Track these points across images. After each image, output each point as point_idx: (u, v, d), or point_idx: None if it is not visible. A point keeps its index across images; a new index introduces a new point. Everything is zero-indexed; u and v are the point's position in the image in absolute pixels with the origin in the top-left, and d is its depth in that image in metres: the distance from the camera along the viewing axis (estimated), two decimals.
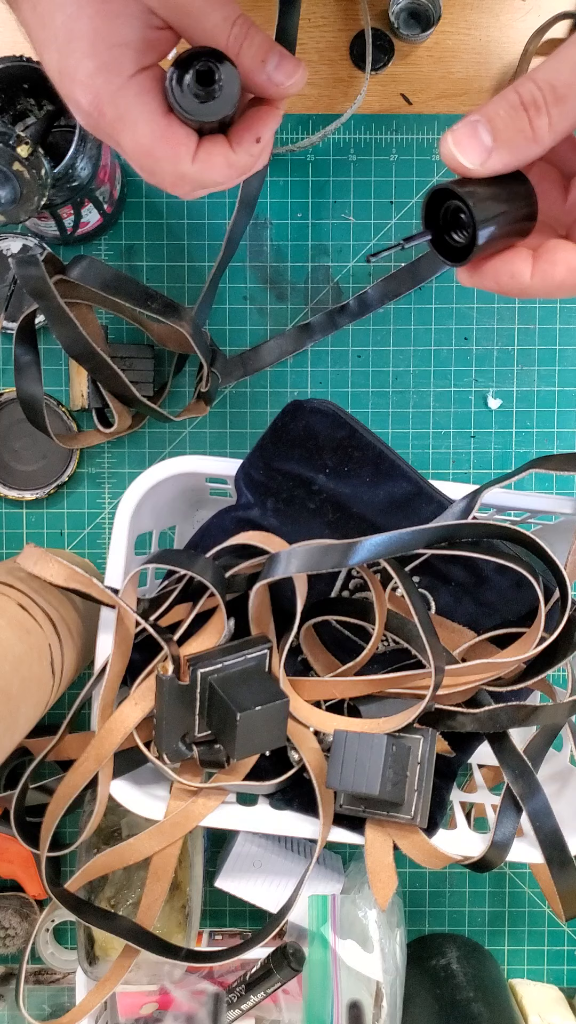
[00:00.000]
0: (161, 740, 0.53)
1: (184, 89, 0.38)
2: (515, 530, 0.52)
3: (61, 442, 0.67)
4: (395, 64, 0.71)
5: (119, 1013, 0.65)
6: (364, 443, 0.55)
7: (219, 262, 0.69)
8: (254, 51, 0.39)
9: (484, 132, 0.36)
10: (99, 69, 0.38)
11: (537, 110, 0.35)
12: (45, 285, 0.54)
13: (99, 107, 0.39)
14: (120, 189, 0.69)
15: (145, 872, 0.58)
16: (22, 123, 0.60)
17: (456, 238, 0.40)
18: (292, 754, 0.56)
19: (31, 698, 0.52)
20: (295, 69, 0.40)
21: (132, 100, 0.39)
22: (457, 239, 0.40)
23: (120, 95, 0.38)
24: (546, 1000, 0.70)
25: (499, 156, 0.36)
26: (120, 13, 0.38)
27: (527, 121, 0.36)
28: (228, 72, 0.38)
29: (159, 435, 0.73)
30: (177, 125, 0.39)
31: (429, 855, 0.54)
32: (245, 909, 0.74)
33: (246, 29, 0.39)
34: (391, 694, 0.56)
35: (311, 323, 0.71)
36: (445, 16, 0.70)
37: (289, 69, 0.40)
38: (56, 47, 0.39)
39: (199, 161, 0.40)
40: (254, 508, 0.56)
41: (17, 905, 0.73)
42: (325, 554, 0.51)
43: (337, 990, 0.62)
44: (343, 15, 0.70)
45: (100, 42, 0.38)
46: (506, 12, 0.71)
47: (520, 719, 0.54)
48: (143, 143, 0.39)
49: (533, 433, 0.73)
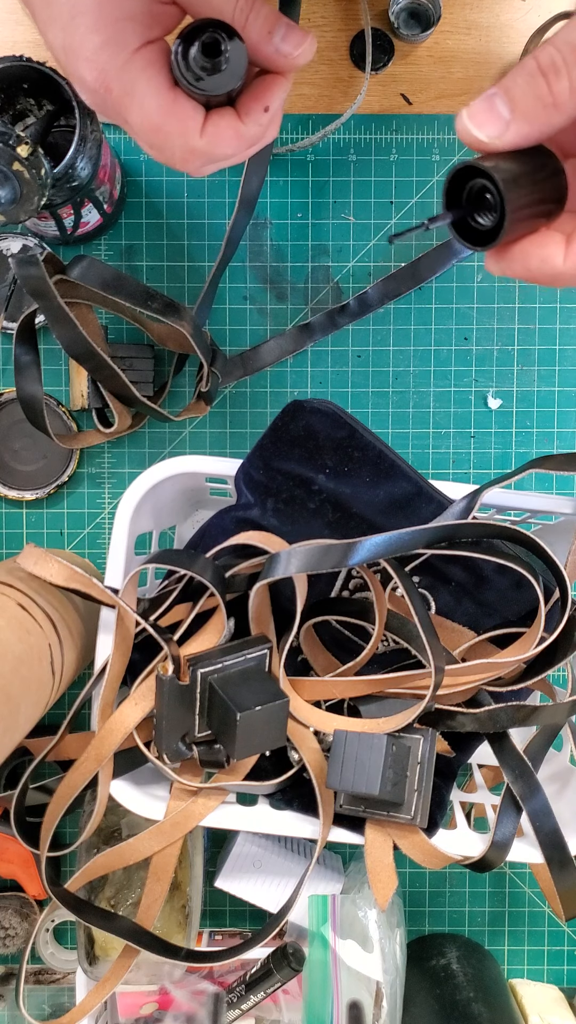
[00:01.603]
0: (161, 740, 0.53)
1: (190, 62, 0.38)
2: (515, 530, 0.52)
3: (61, 442, 0.67)
4: (395, 64, 0.71)
5: (119, 1013, 0.65)
6: (364, 443, 0.55)
7: (219, 262, 0.69)
8: (260, 23, 0.38)
9: (501, 104, 0.34)
10: (104, 44, 0.38)
11: (556, 73, 0.33)
12: (45, 285, 0.54)
13: (105, 83, 0.38)
14: (120, 189, 0.69)
15: (145, 872, 0.58)
16: (22, 123, 0.60)
17: (481, 220, 0.38)
18: (292, 754, 0.56)
19: (31, 698, 0.52)
20: (303, 39, 0.39)
21: (138, 74, 0.38)
22: (482, 221, 0.38)
23: (126, 70, 0.38)
24: (546, 1000, 0.70)
25: (518, 127, 0.34)
26: None
27: (546, 87, 0.34)
28: (235, 45, 0.38)
29: (159, 435, 0.73)
30: (184, 99, 0.38)
31: (429, 855, 0.54)
32: (245, 909, 0.74)
33: (251, 2, 0.38)
34: (391, 694, 0.56)
35: (311, 323, 0.71)
36: (445, 16, 0.70)
37: (296, 39, 0.39)
38: (60, 24, 0.38)
39: (207, 134, 0.39)
40: (254, 508, 0.56)
41: (17, 905, 0.73)
42: (325, 554, 0.51)
43: (337, 990, 0.62)
44: (343, 15, 0.70)
45: (105, 16, 0.38)
46: (506, 12, 0.71)
47: (520, 719, 0.54)
48: (151, 118, 0.39)
49: (533, 433, 0.73)
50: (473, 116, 0.35)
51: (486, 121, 0.35)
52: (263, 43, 0.39)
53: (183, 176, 0.71)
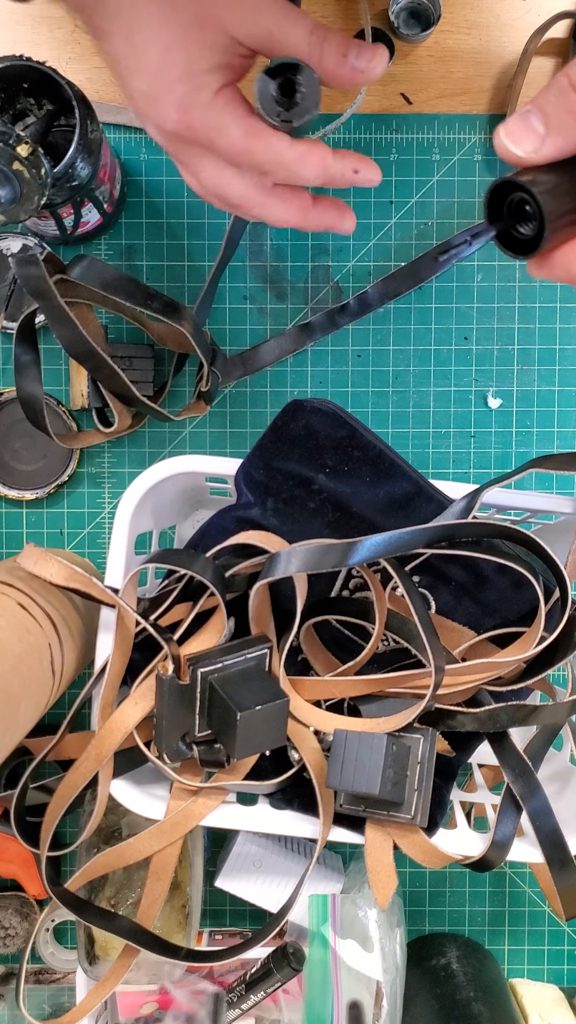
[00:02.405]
0: (161, 740, 0.53)
1: (271, 100, 0.43)
2: (515, 529, 0.52)
3: (61, 442, 0.67)
4: (395, 64, 0.71)
5: (119, 1013, 0.65)
6: (364, 443, 0.55)
7: (219, 261, 0.69)
8: (334, 51, 0.43)
9: (536, 120, 0.37)
10: (190, 91, 0.43)
11: None
12: (45, 284, 0.54)
13: (189, 122, 0.44)
14: (120, 189, 0.69)
15: (145, 872, 0.58)
16: (22, 123, 0.60)
17: (522, 231, 0.40)
18: (292, 754, 0.56)
19: (31, 698, 0.52)
20: (374, 53, 0.44)
21: (220, 111, 0.44)
22: (523, 231, 0.40)
23: (209, 110, 0.44)
24: (546, 1000, 0.70)
25: (552, 141, 0.37)
26: (210, 44, 0.43)
27: None
28: (308, 79, 0.43)
29: (159, 435, 0.73)
30: (264, 123, 0.44)
31: (429, 855, 0.54)
32: (245, 909, 0.74)
33: (322, 34, 0.43)
34: (391, 694, 0.56)
35: (311, 323, 0.71)
36: (445, 16, 0.70)
37: (369, 54, 0.44)
38: (148, 75, 0.44)
39: (298, 150, 0.45)
40: (254, 508, 0.56)
41: (17, 905, 0.73)
42: (325, 554, 0.51)
43: (337, 990, 0.62)
44: (343, 15, 0.70)
45: (192, 70, 0.43)
46: (506, 12, 0.71)
47: (520, 719, 0.54)
48: (237, 143, 0.44)
49: (533, 433, 0.73)
50: (510, 133, 0.37)
51: (522, 137, 0.37)
52: (340, 67, 0.44)
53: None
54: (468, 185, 0.71)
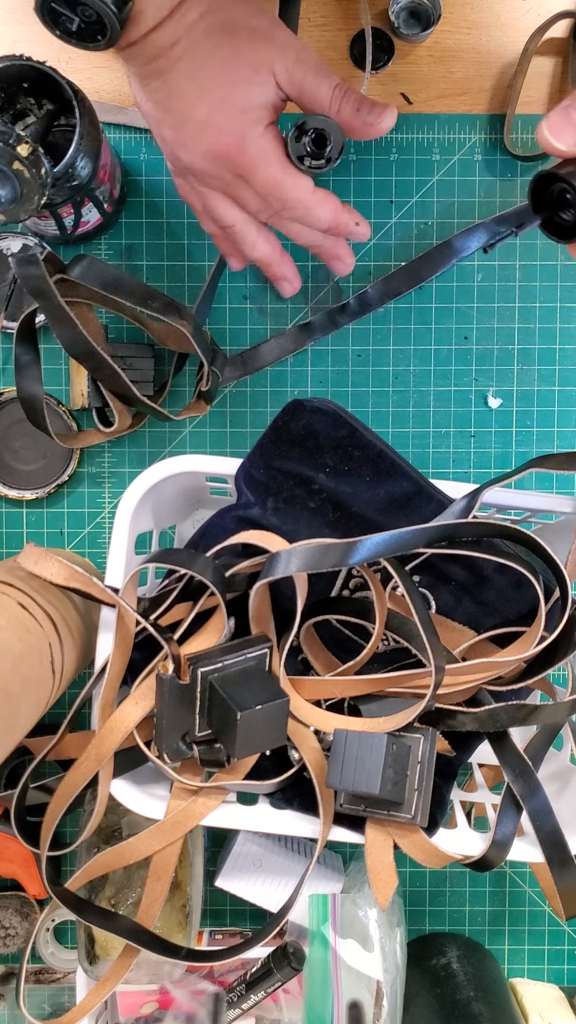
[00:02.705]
0: (161, 739, 0.53)
1: (304, 147, 0.55)
2: (515, 529, 0.52)
3: (62, 441, 0.67)
4: (395, 63, 0.71)
5: (119, 1013, 0.65)
6: (364, 442, 0.55)
7: (219, 261, 0.69)
8: (351, 106, 0.54)
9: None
10: (247, 122, 0.54)
11: None
12: (45, 284, 0.54)
13: (242, 147, 0.54)
14: (120, 189, 0.69)
15: (145, 871, 0.58)
16: (22, 122, 0.60)
17: (564, 217, 0.44)
18: (292, 753, 0.56)
19: (31, 697, 0.52)
20: (383, 111, 0.54)
21: (267, 144, 0.54)
22: (565, 218, 0.44)
23: (260, 140, 0.54)
24: (546, 999, 0.70)
25: None
26: (264, 85, 0.53)
27: None
28: (336, 136, 0.55)
29: (159, 435, 0.73)
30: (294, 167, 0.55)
31: (429, 854, 0.54)
32: (245, 908, 0.74)
33: (343, 91, 0.54)
34: (391, 693, 0.56)
35: (311, 322, 0.71)
36: (445, 16, 0.70)
37: (378, 112, 0.54)
38: (210, 104, 0.53)
39: (318, 194, 0.56)
40: (254, 507, 0.56)
41: (17, 904, 0.73)
42: (325, 553, 0.51)
43: (337, 989, 0.62)
44: (343, 15, 0.70)
45: (251, 104, 0.53)
46: (506, 12, 0.71)
47: (520, 718, 0.54)
48: (276, 174, 0.55)
49: (533, 432, 0.73)
50: (552, 127, 0.41)
51: (563, 131, 0.41)
52: (354, 119, 0.54)
53: None
54: (468, 185, 0.71)
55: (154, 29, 0.52)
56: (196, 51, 0.53)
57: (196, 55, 0.53)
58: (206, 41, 0.53)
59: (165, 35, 0.52)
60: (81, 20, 0.51)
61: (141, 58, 0.54)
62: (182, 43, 0.53)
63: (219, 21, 0.53)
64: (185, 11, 0.52)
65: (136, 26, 0.52)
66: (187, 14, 0.52)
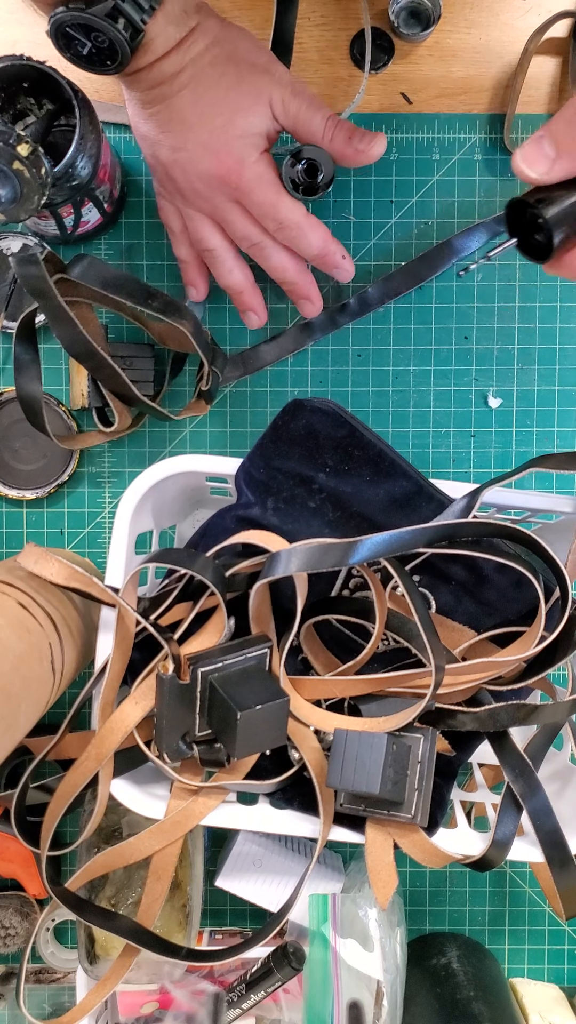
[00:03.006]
0: (161, 739, 0.53)
1: (297, 175, 0.60)
2: (515, 529, 0.52)
3: (61, 443, 0.67)
4: (395, 63, 0.71)
5: (119, 1012, 0.65)
6: (364, 442, 0.55)
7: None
8: (342, 135, 0.58)
9: (547, 145, 0.43)
10: (246, 147, 0.58)
11: None
12: (45, 284, 0.54)
13: (240, 170, 0.58)
14: (120, 188, 0.69)
15: (145, 871, 0.58)
16: (22, 122, 0.60)
17: (538, 238, 0.47)
18: (292, 753, 0.56)
19: (31, 697, 0.52)
20: (373, 138, 0.59)
21: (264, 169, 0.58)
22: (539, 239, 0.47)
23: (256, 165, 0.58)
24: (546, 999, 0.70)
25: (561, 164, 0.44)
26: (262, 115, 0.57)
27: None
28: (327, 166, 0.60)
29: (159, 434, 0.73)
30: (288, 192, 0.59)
31: (429, 854, 0.54)
32: (245, 908, 0.74)
33: (335, 122, 0.58)
34: (391, 693, 0.56)
35: (311, 322, 0.71)
36: (445, 15, 0.70)
37: (368, 139, 0.59)
38: (210, 129, 0.57)
39: (311, 219, 0.61)
40: (254, 507, 0.56)
41: (17, 904, 0.73)
42: (325, 553, 0.51)
43: (337, 989, 0.62)
44: (343, 14, 0.70)
45: (250, 131, 0.57)
46: (506, 11, 0.71)
47: (520, 718, 0.54)
48: (272, 198, 0.59)
49: (533, 432, 0.73)
50: (525, 157, 0.44)
51: (536, 160, 0.44)
52: (346, 147, 0.59)
53: None
54: (468, 185, 0.71)
55: (162, 58, 0.55)
56: (200, 79, 0.56)
57: (200, 83, 0.56)
58: (210, 70, 0.56)
59: (171, 64, 0.55)
60: (93, 46, 0.52)
61: (145, 83, 0.56)
62: (187, 71, 0.56)
63: (224, 53, 0.56)
64: (192, 42, 0.55)
65: (145, 54, 0.54)
66: (193, 45, 0.56)
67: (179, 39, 0.55)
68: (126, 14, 0.52)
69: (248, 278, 0.65)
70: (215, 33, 0.56)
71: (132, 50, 0.53)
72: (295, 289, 0.66)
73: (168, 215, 0.65)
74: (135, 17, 0.52)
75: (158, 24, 0.53)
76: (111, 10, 0.52)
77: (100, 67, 0.55)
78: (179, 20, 0.54)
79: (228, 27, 0.58)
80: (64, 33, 0.53)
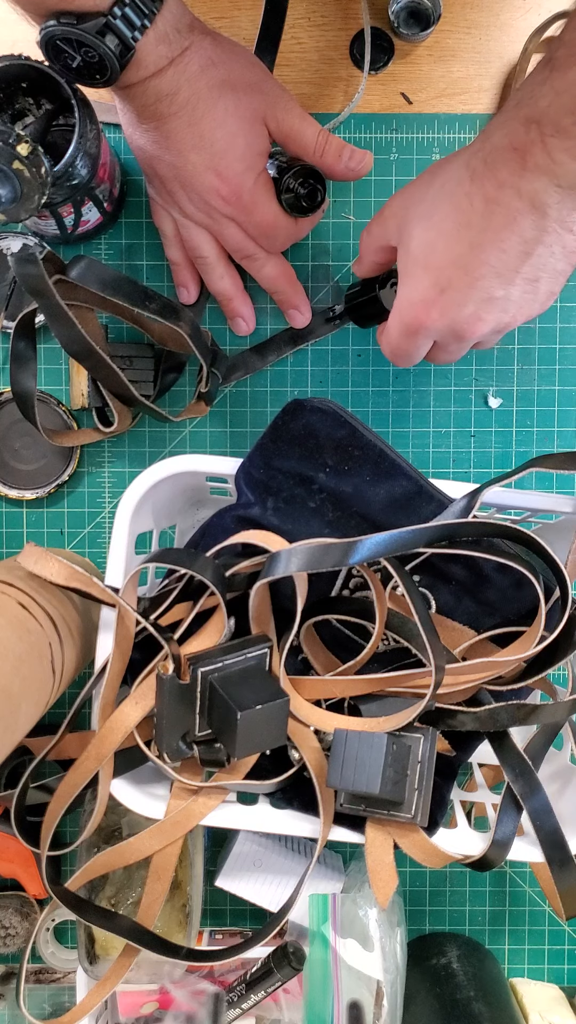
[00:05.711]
0: (161, 739, 0.53)
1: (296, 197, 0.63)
2: (515, 529, 0.52)
3: (51, 438, 0.67)
4: (395, 63, 0.71)
5: (119, 1012, 0.65)
6: (364, 442, 0.55)
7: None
8: (333, 150, 0.61)
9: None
10: (245, 169, 0.60)
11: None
12: (44, 284, 0.54)
13: (239, 193, 0.60)
14: (120, 188, 0.69)
15: (146, 871, 0.58)
16: (21, 122, 0.60)
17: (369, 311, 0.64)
18: (292, 753, 0.56)
19: (31, 697, 0.52)
20: (362, 156, 0.62)
21: (261, 189, 0.61)
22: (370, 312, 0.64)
23: (255, 185, 0.60)
24: (546, 999, 0.70)
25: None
26: (259, 135, 0.59)
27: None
28: (321, 182, 0.62)
29: (159, 435, 0.73)
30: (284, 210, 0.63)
31: (429, 854, 0.54)
32: (246, 908, 0.74)
33: (326, 137, 0.61)
34: (391, 693, 0.56)
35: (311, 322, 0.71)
36: (445, 15, 0.70)
37: (358, 157, 0.61)
38: (209, 151, 0.59)
39: (300, 225, 0.65)
40: (254, 507, 0.56)
41: (17, 904, 0.73)
42: (325, 553, 0.51)
43: (337, 989, 0.62)
44: (343, 14, 0.70)
45: (248, 153, 0.59)
46: (506, 11, 0.71)
47: (520, 718, 0.54)
48: (269, 219, 0.62)
49: (533, 432, 0.73)
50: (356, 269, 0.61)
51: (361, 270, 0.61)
52: (336, 163, 0.61)
53: None
54: None
55: (154, 75, 0.56)
56: (197, 103, 0.57)
57: (197, 106, 0.57)
58: (208, 93, 0.57)
59: (166, 83, 0.56)
60: (83, 60, 0.52)
61: (140, 99, 0.57)
62: (184, 92, 0.57)
63: (220, 76, 0.57)
64: (187, 62, 0.56)
65: (136, 71, 0.55)
66: (189, 65, 0.56)
67: (171, 57, 0.55)
68: (117, 31, 0.52)
69: (237, 285, 0.67)
70: (209, 53, 0.57)
71: (122, 66, 0.54)
72: (285, 299, 0.68)
73: (162, 220, 0.66)
74: (126, 34, 0.52)
75: (149, 42, 0.54)
76: (102, 27, 0.52)
77: (89, 80, 0.55)
78: (171, 39, 0.55)
79: (221, 45, 0.58)
80: (54, 46, 0.54)
